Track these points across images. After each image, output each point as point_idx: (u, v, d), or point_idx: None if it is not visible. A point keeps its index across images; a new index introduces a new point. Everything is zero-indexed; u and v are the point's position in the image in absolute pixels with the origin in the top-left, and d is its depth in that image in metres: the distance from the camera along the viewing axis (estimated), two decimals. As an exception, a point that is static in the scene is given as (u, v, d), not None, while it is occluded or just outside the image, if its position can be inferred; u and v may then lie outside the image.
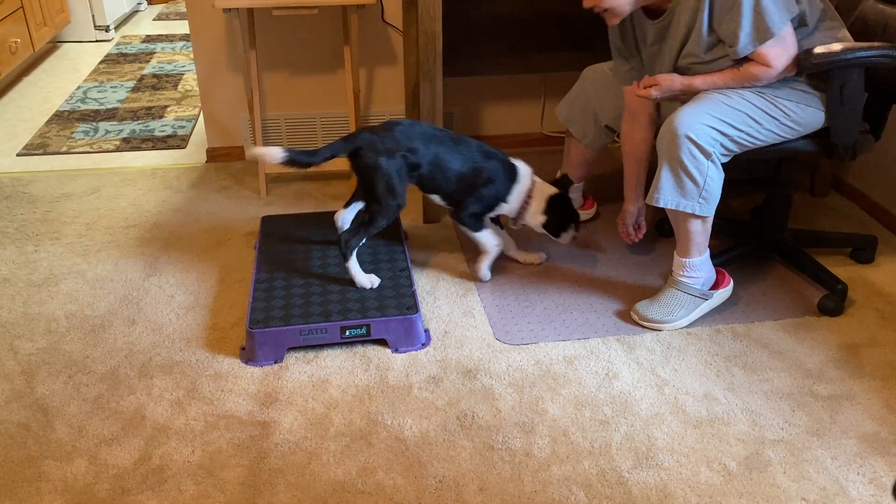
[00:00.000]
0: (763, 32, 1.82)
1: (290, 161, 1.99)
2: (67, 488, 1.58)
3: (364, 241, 2.11)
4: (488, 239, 2.23)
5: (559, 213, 2.22)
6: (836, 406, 1.81)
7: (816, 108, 1.96)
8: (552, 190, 2.23)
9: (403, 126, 2.07)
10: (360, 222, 2.07)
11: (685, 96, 2.01)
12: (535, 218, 2.22)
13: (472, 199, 2.16)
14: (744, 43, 1.84)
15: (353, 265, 2.07)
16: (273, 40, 2.90)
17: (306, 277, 2.13)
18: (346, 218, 2.24)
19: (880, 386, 1.88)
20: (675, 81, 2.00)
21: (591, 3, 1.95)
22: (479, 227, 2.21)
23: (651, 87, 2.02)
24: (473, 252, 2.42)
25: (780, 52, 1.85)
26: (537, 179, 2.24)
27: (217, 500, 1.56)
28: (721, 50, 1.91)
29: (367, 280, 2.08)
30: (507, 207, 2.21)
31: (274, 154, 1.96)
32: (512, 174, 2.19)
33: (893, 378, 1.90)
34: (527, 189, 2.20)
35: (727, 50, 1.89)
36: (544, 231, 2.25)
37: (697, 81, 1.97)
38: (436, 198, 2.20)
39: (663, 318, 2.06)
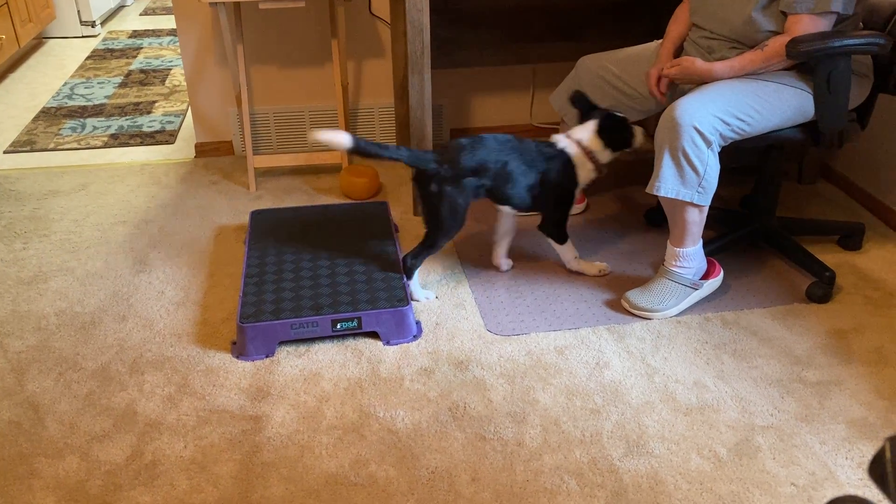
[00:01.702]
0: (823, 2, 1.84)
1: (357, 149, 1.96)
2: (59, 485, 1.58)
3: (422, 261, 2.13)
4: (571, 250, 2.25)
5: (612, 135, 2.12)
6: (824, 392, 1.83)
7: (811, 96, 1.97)
8: (591, 126, 2.14)
9: (468, 146, 2.03)
10: (422, 245, 2.09)
11: (700, 82, 2.03)
12: (604, 155, 2.14)
13: (552, 206, 2.16)
14: None
15: (415, 283, 2.15)
16: (260, 34, 2.88)
17: (296, 271, 2.13)
18: (501, 253, 2.29)
19: (868, 371, 1.89)
20: (696, 64, 2.01)
21: None
22: (565, 237, 2.22)
23: (673, 67, 2.05)
24: (464, 246, 2.42)
25: (814, 30, 1.87)
26: (575, 133, 2.14)
27: (210, 494, 1.56)
28: (771, 10, 1.92)
29: (424, 295, 2.17)
30: (585, 182, 2.16)
31: (342, 140, 1.95)
32: (566, 161, 2.11)
33: (881, 363, 1.92)
34: (581, 157, 2.12)
35: (775, 10, 1.90)
36: (618, 155, 2.17)
37: (717, 66, 1.98)
38: (508, 209, 2.16)
39: (654, 307, 2.07)
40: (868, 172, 2.64)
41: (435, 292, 2.19)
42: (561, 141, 2.14)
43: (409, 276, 2.11)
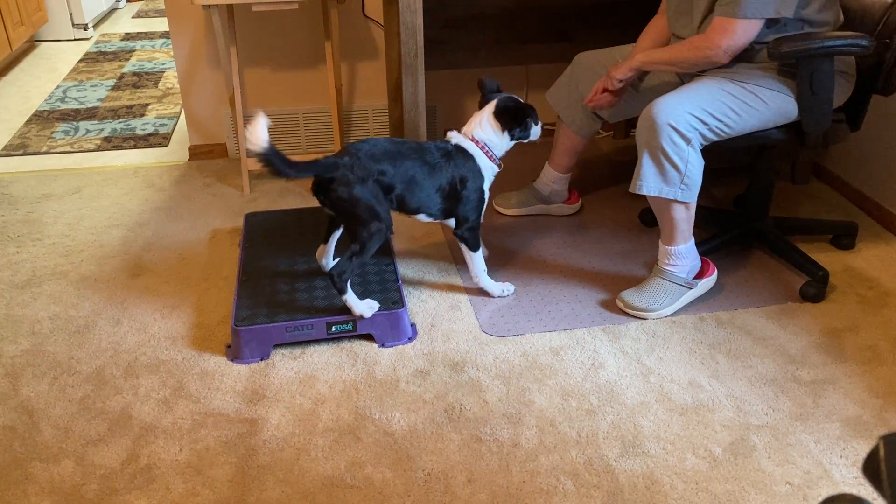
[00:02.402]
0: (734, 6, 1.85)
1: (266, 159, 1.77)
2: (55, 490, 1.58)
3: (356, 270, 1.96)
4: (480, 261, 2.14)
5: (511, 117, 2.05)
6: (818, 391, 1.84)
7: (793, 97, 1.97)
8: (488, 111, 2.06)
9: (367, 147, 1.92)
10: (350, 252, 1.90)
11: (638, 73, 2.12)
12: (502, 142, 2.07)
13: (464, 208, 2.05)
14: (724, 1, 1.87)
15: (351, 297, 1.93)
16: (253, 36, 2.88)
17: (291, 274, 2.13)
18: (329, 251, 2.13)
19: (862, 370, 1.90)
20: (619, 66, 2.12)
21: None
22: (478, 244, 2.11)
23: (607, 85, 2.15)
24: (458, 247, 2.42)
25: (729, 35, 1.88)
26: (468, 130, 2.06)
27: (206, 497, 1.56)
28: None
29: (368, 307, 1.96)
30: (490, 178, 2.08)
31: (257, 141, 1.73)
32: (467, 156, 2.03)
33: (874, 362, 1.93)
34: (478, 149, 2.04)
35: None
36: (518, 141, 2.10)
37: (636, 60, 2.08)
38: (423, 217, 2.04)
39: (648, 307, 2.07)
40: (861, 172, 2.65)
41: (378, 304, 1.99)
42: (454, 136, 2.05)
43: (344, 290, 1.92)
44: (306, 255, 2.21)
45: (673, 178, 1.94)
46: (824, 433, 1.71)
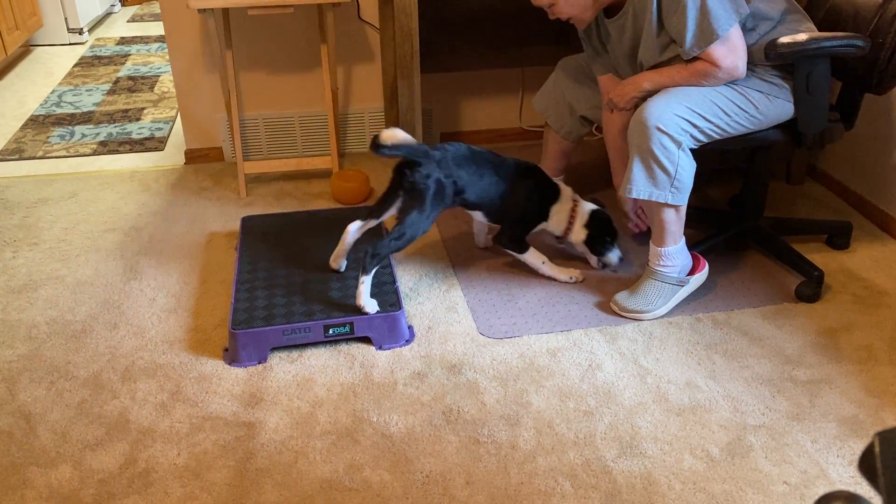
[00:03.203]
0: (708, 34, 1.84)
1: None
2: (53, 494, 1.58)
3: (388, 255, 2.06)
4: (535, 258, 2.24)
5: (601, 230, 2.23)
6: (815, 390, 1.84)
7: (785, 99, 1.98)
8: (593, 206, 2.25)
9: (452, 150, 2.06)
10: (391, 236, 1.99)
11: (640, 95, 2.06)
12: (578, 235, 2.24)
13: (513, 221, 2.19)
14: (690, 44, 1.87)
15: (368, 282, 1.98)
16: (249, 40, 2.88)
17: (288, 277, 2.13)
18: (354, 230, 2.14)
19: (858, 369, 1.91)
20: (625, 85, 2.07)
21: (552, 14, 2.01)
22: (522, 248, 2.23)
23: (616, 103, 2.11)
24: (455, 249, 2.43)
25: (727, 52, 1.87)
26: (578, 198, 2.26)
27: (204, 501, 1.56)
28: (674, 50, 1.94)
29: (372, 305, 1.99)
30: (550, 226, 2.24)
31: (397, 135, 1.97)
32: (553, 193, 2.22)
33: (870, 361, 1.93)
34: (569, 209, 2.23)
35: (678, 50, 1.91)
36: (586, 248, 2.26)
37: (642, 77, 2.02)
38: (478, 215, 2.20)
39: (643, 308, 2.08)
40: (855, 172, 2.66)
41: (377, 305, 2.01)
42: (562, 184, 2.26)
43: (369, 271, 1.98)
44: (303, 258, 2.22)
45: (663, 181, 1.95)
46: (821, 433, 1.72)
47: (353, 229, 2.12)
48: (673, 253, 2.06)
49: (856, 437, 1.70)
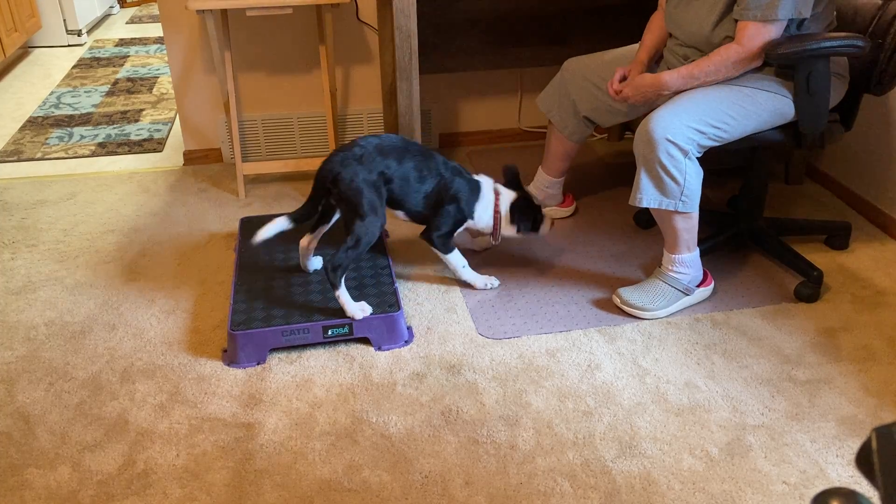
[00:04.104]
0: (769, 10, 1.83)
1: (294, 222, 1.97)
2: (51, 496, 1.57)
3: (351, 265, 1.97)
4: (458, 259, 2.19)
5: (525, 214, 2.19)
6: (814, 390, 1.84)
7: (789, 98, 1.98)
8: (512, 195, 2.20)
9: (377, 141, 2.00)
10: (346, 245, 1.93)
11: (661, 97, 2.04)
12: (508, 229, 2.21)
13: (439, 218, 2.11)
14: (753, 3, 1.84)
15: (344, 293, 1.95)
16: (248, 41, 2.88)
17: (287, 278, 2.13)
18: (311, 250, 2.14)
19: (857, 369, 1.91)
20: (646, 78, 2.04)
21: None
22: (448, 248, 2.16)
23: (626, 87, 2.07)
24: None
25: (758, 36, 1.87)
26: (500, 188, 2.19)
27: (203, 502, 1.56)
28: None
29: (360, 309, 1.96)
30: (476, 224, 2.18)
31: (274, 227, 1.96)
32: (475, 190, 2.14)
33: (869, 361, 1.93)
34: (492, 203, 2.17)
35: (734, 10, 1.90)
36: (522, 235, 2.23)
37: (665, 76, 2.00)
38: (400, 214, 2.12)
39: (644, 306, 2.07)
40: (854, 172, 2.66)
41: (370, 307, 1.99)
42: (483, 178, 2.18)
43: (337, 286, 1.94)
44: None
45: (672, 190, 1.94)
46: (820, 432, 1.72)
47: (304, 244, 2.13)
48: (687, 261, 2.06)
49: (855, 437, 1.70)
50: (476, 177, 2.18)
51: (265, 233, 1.96)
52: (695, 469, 1.63)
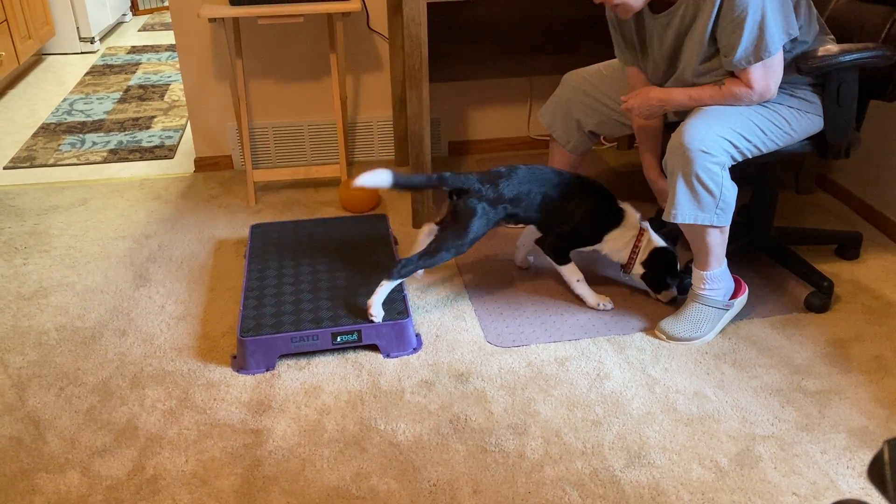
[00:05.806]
0: (759, 51, 1.81)
1: (397, 185, 1.97)
2: (61, 501, 1.58)
3: (417, 270, 2.04)
4: (571, 273, 2.19)
5: (660, 269, 2.14)
6: (824, 401, 1.83)
7: (815, 113, 1.97)
8: (659, 243, 2.15)
9: (516, 176, 2.04)
10: (424, 251, 2.01)
11: (662, 110, 2.03)
12: (636, 269, 2.17)
13: (561, 233, 2.13)
14: (739, 57, 1.83)
15: (386, 290, 1.99)
16: (259, 49, 2.90)
17: (296, 285, 2.14)
18: (424, 237, 2.15)
19: (867, 380, 1.90)
20: (653, 91, 2.01)
21: None
22: (563, 260, 2.17)
23: (632, 98, 2.05)
24: (464, 257, 2.43)
25: (763, 75, 1.85)
26: (648, 227, 2.15)
27: (211, 508, 1.56)
28: (714, 64, 1.91)
29: (379, 312, 1.99)
30: (606, 251, 2.18)
31: (382, 179, 1.93)
32: (615, 218, 2.14)
33: (880, 372, 1.92)
34: (631, 237, 2.15)
35: (720, 62, 1.89)
36: (643, 282, 2.19)
37: (674, 92, 1.98)
38: (530, 227, 2.21)
39: (691, 335, 2.03)
40: (865, 182, 2.65)
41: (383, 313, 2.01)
42: (630, 210, 2.17)
43: (393, 278, 1.99)
44: (311, 266, 2.22)
45: (708, 203, 1.90)
46: (830, 443, 1.71)
47: (426, 230, 2.15)
48: (718, 276, 2.02)
49: (866, 448, 1.69)
50: (622, 205, 2.17)
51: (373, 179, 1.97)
52: (704, 479, 1.62)
